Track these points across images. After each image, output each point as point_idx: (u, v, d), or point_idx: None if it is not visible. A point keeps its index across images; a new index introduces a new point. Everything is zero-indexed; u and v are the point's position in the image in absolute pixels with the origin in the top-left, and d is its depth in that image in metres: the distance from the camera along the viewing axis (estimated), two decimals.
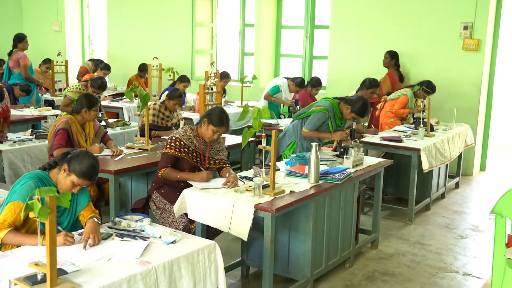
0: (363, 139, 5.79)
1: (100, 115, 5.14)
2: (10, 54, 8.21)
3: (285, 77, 7.95)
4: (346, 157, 4.58)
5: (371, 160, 4.86)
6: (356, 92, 6.37)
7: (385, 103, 7.09)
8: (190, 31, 10.25)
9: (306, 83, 7.78)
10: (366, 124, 6.72)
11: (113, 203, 4.41)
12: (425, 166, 5.55)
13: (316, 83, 7.57)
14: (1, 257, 2.67)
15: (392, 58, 7.72)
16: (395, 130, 6.44)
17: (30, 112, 6.91)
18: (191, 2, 10.10)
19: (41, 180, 2.94)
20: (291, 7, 9.86)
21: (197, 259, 2.86)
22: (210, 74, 7.19)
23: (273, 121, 6.74)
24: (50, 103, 8.06)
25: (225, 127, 4.12)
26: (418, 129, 6.09)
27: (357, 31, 8.33)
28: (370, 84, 6.17)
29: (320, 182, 4.06)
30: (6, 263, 2.60)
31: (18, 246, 2.82)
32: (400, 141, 5.75)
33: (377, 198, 4.96)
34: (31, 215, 2.26)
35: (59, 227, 2.91)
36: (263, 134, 3.88)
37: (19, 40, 8.22)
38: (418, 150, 5.53)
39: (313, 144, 3.99)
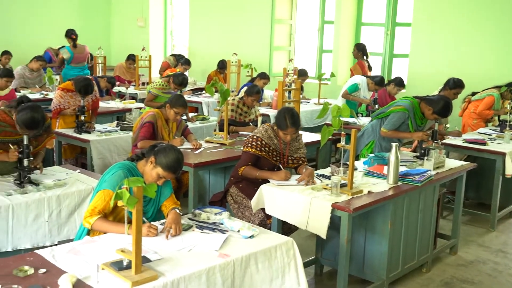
0: (445, 141, 5.60)
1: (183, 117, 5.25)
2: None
3: (364, 75, 7.83)
4: (427, 159, 4.45)
5: (452, 163, 4.70)
6: (439, 92, 6.17)
7: (469, 104, 6.82)
8: (269, 27, 10.31)
9: (385, 81, 7.63)
10: (448, 125, 6.49)
11: (192, 196, 4.53)
12: (509, 171, 5.30)
13: (400, 82, 7.39)
14: (90, 242, 2.82)
15: (359, 51, 8.56)
16: (479, 133, 6.19)
17: (115, 104, 7.21)
18: None
19: (130, 170, 3.07)
20: (372, 3, 9.69)
21: (274, 255, 2.88)
22: (288, 71, 7.23)
23: (350, 120, 6.66)
24: (133, 97, 8.36)
25: (293, 128, 4.07)
26: (504, 132, 5.82)
27: (441, 29, 8.07)
28: (454, 84, 5.96)
29: (399, 183, 3.98)
30: (94, 248, 2.74)
31: (105, 233, 2.97)
32: (484, 144, 5.52)
33: (458, 202, 4.79)
34: (119, 203, 2.36)
35: (143, 218, 3.02)
36: (342, 132, 3.85)
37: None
38: (503, 154, 5.29)
39: (393, 144, 3.92)
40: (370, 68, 8.77)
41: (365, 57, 8.68)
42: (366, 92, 7.69)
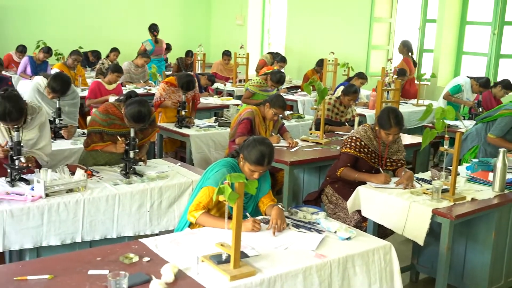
0: None
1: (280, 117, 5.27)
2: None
3: (468, 77, 7.49)
4: None
5: None
6: None
7: None
8: (368, 26, 10.12)
9: (491, 83, 7.24)
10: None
11: (287, 193, 4.55)
12: None
13: (508, 85, 6.98)
14: (190, 234, 2.92)
15: (404, 47, 8.90)
16: None
17: (213, 100, 7.39)
18: None
19: (233, 168, 3.13)
20: (479, 1, 9.22)
21: (372, 259, 2.83)
22: (387, 71, 7.07)
23: (451, 122, 6.39)
24: (230, 93, 8.53)
25: (397, 128, 3.97)
26: None
27: None
28: None
29: (506, 191, 3.77)
30: (194, 240, 2.83)
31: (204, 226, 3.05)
32: None
33: None
34: (221, 198, 2.42)
35: (246, 213, 3.08)
36: (446, 135, 3.70)
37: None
38: None
39: (501, 150, 3.72)
40: (415, 65, 9.15)
41: (410, 54, 9.01)
42: (469, 94, 7.36)
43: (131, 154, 3.81)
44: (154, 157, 5.82)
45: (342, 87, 7.02)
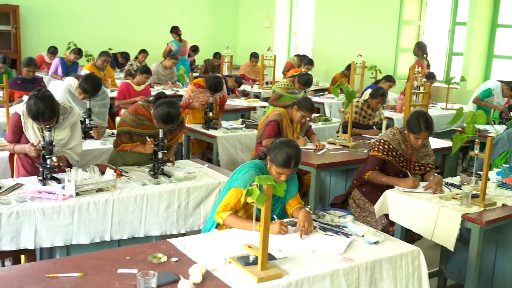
0: None
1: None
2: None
3: (498, 80, 7.36)
4: None
5: None
6: None
7: None
8: (396, 29, 10.03)
9: None
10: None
11: (313, 196, 4.54)
12: None
13: None
14: (218, 235, 2.93)
15: (419, 49, 8.92)
16: None
17: (240, 102, 7.42)
18: None
19: (261, 170, 3.13)
20: (510, 4, 9.05)
21: (399, 264, 2.80)
22: (416, 74, 6.99)
23: (481, 127, 6.29)
24: (257, 95, 8.54)
25: (427, 132, 3.93)
26: None
27: None
28: None
29: None
30: (221, 241, 2.84)
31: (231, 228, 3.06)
32: None
33: None
34: (249, 200, 2.43)
35: (273, 215, 3.08)
36: (477, 140, 3.65)
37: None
38: None
39: None
40: (428, 67, 9.02)
41: (424, 56, 8.98)
42: (500, 98, 7.24)
43: (160, 155, 3.85)
44: (181, 158, 5.87)
45: (369, 90, 6.97)
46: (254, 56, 10.03)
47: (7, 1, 10.54)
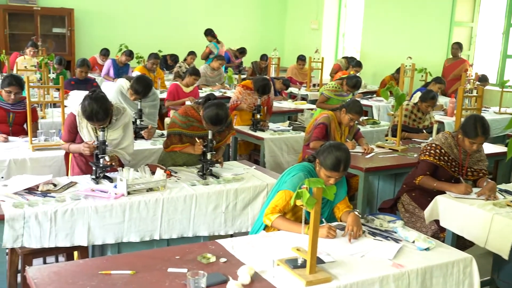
0: None
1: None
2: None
3: None
4: None
5: None
6: None
7: None
8: (448, 30, 9.82)
9: None
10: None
11: (361, 200, 4.49)
12: None
13: None
14: (266, 237, 2.94)
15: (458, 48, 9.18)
16: None
17: (287, 104, 7.42)
18: (452, 0, 9.66)
19: (309, 172, 3.12)
20: None
21: (451, 271, 2.74)
22: (468, 77, 6.82)
23: None
24: (304, 98, 8.52)
25: (483, 137, 3.83)
26: None
27: None
28: None
29: None
30: (269, 243, 2.85)
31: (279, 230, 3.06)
32: None
33: None
34: (298, 203, 2.42)
35: (322, 219, 3.07)
36: None
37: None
38: None
39: None
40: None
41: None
42: None
43: (208, 156, 3.89)
44: (228, 159, 5.91)
45: (418, 93, 6.85)
46: (301, 58, 10.01)
47: (62, 5, 10.88)
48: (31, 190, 3.37)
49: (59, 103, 4.58)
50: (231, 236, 3.61)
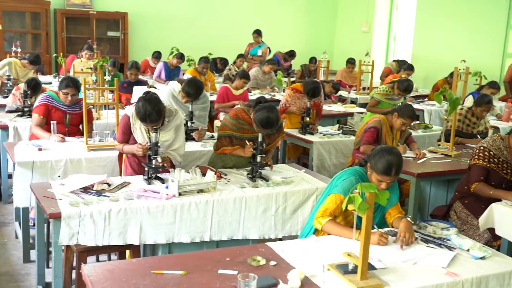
0: None
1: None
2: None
3: None
4: None
5: None
6: None
7: None
8: (504, 32, 9.53)
9: None
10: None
11: (412, 206, 4.40)
12: None
13: None
14: (316, 241, 2.93)
15: None
16: None
17: (337, 108, 7.36)
18: (508, 1, 9.36)
19: (361, 176, 3.09)
20: None
21: (508, 282, 2.65)
22: None
23: None
24: (353, 101, 8.44)
25: None
26: None
27: None
28: None
29: None
30: (319, 247, 2.83)
31: (329, 234, 3.04)
32: None
33: None
34: (350, 207, 2.40)
35: (373, 224, 3.03)
36: None
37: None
38: None
39: None
40: None
41: None
42: None
43: (258, 159, 3.90)
44: (277, 162, 5.92)
45: (470, 97, 6.67)
46: (350, 62, 9.92)
47: (117, 9, 11.17)
48: (86, 189, 3.47)
49: (113, 104, 4.70)
50: (280, 239, 3.61)
